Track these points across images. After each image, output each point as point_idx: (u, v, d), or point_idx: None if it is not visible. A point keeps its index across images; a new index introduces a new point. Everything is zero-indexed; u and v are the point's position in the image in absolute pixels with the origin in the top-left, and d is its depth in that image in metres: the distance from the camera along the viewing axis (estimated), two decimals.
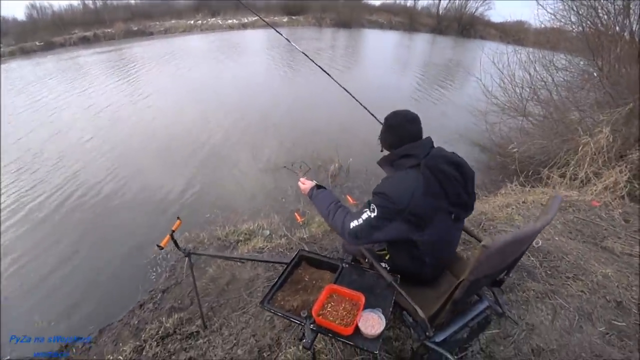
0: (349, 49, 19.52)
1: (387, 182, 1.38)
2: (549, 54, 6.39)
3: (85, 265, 3.52)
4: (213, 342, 2.25)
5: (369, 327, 1.27)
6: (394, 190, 1.31)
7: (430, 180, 1.30)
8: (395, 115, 1.45)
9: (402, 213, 1.29)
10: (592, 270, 2.35)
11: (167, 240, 1.86)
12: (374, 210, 1.32)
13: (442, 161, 1.33)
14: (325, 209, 1.50)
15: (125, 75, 11.84)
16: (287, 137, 6.48)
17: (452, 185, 1.32)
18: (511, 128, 6.65)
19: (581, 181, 4.26)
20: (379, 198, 1.33)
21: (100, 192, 4.83)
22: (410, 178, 1.33)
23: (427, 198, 1.29)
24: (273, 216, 3.85)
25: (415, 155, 1.36)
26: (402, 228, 1.33)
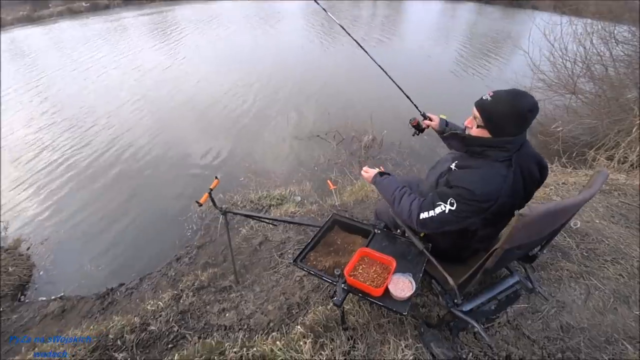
0: (389, 18, 18.58)
1: (471, 176, 1.22)
2: (609, 26, 5.78)
3: (127, 220, 3.83)
4: (245, 297, 2.41)
5: (399, 290, 1.32)
6: (482, 188, 1.18)
7: (518, 180, 1.22)
8: (535, 109, 1.18)
9: (484, 211, 1.20)
10: (633, 255, 2.25)
11: (205, 198, 1.96)
12: (452, 205, 1.21)
13: (531, 161, 1.26)
14: (391, 195, 1.43)
15: (168, 38, 12.10)
16: (322, 107, 6.46)
17: (532, 186, 1.30)
18: (557, 106, 6.22)
19: (631, 164, 3.98)
20: (461, 193, 1.20)
21: (144, 153, 5.13)
22: (499, 175, 1.19)
23: (511, 198, 1.21)
24: (305, 183, 3.94)
25: (509, 150, 1.21)
26: (477, 223, 1.26)
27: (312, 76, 8.00)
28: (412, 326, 1.70)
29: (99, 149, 5.27)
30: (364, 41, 11.96)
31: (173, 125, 5.90)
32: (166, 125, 5.86)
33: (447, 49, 12.28)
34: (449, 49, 12.27)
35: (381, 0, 24.41)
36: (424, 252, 1.45)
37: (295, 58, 9.37)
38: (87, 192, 4.33)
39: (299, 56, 9.64)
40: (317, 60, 9.36)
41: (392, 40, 12.39)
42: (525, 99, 1.17)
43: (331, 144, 5.10)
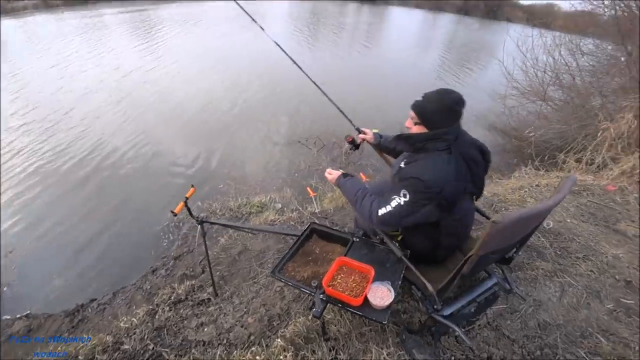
0: (373, 25, 18.97)
1: (418, 167, 1.33)
2: (575, 39, 6.18)
3: (99, 230, 3.64)
4: (224, 310, 2.34)
5: (378, 298, 1.30)
6: (429, 175, 1.27)
7: (461, 165, 1.32)
8: (462, 102, 1.34)
9: (436, 198, 1.27)
10: (602, 251, 2.35)
11: (180, 207, 1.89)
12: (406, 196, 1.29)
13: (470, 146, 1.38)
14: (353, 196, 1.48)
15: (151, 39, 11.78)
16: (303, 112, 6.44)
17: (477, 170, 1.38)
18: (529, 112, 6.52)
19: (597, 166, 4.18)
20: (412, 183, 1.29)
21: (118, 158, 4.91)
22: (442, 162, 1.30)
23: (458, 182, 1.31)
24: (285, 190, 3.89)
25: (447, 140, 1.33)
26: (433, 212, 1.31)
27: (294, 81, 7.98)
28: (394, 333, 1.68)
29: (73, 155, 5.00)
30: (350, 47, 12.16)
31: (151, 130, 5.70)
32: (144, 130, 5.66)
33: (429, 57, 12.67)
34: (430, 57, 12.65)
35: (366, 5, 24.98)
36: (402, 259, 1.44)
37: (278, 63, 9.35)
38: (56, 200, 4.09)
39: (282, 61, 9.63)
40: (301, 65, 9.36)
41: (376, 48, 12.64)
42: (451, 95, 1.33)
43: (312, 150, 5.08)
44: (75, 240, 3.52)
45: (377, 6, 26.48)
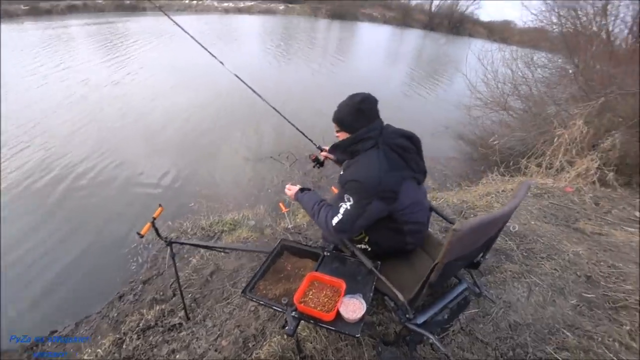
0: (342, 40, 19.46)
1: (352, 170, 1.41)
2: (530, 53, 6.68)
3: (61, 255, 3.38)
4: (196, 334, 2.24)
5: (350, 312, 1.29)
6: (363, 174, 1.35)
7: (391, 155, 1.39)
8: (369, 100, 1.45)
9: (377, 192, 1.33)
10: (564, 249, 2.47)
11: (147, 228, 1.81)
12: (349, 200, 1.36)
13: (395, 136, 1.44)
14: (311, 210, 1.53)
15: (121, 52, 11.32)
16: (274, 127, 6.39)
17: (410, 155, 1.44)
18: (493, 121, 6.87)
19: (556, 170, 4.44)
20: (350, 186, 1.36)
21: (82, 177, 4.62)
22: (373, 158, 1.37)
23: (393, 172, 1.37)
24: (259, 206, 3.82)
25: (372, 137, 1.42)
26: (380, 206, 1.37)
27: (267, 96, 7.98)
28: (370, 346, 1.67)
29: (34, 174, 4.67)
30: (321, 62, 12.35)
31: (119, 148, 5.44)
32: (111, 148, 5.39)
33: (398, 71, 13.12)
34: (399, 71, 13.10)
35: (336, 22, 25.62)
36: (373, 270, 1.44)
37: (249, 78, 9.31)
38: (10, 224, 3.78)
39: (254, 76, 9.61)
40: (272, 80, 9.39)
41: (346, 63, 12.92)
42: (356, 96, 1.45)
43: (285, 165, 5.06)
44: (32, 267, 3.26)
45: (347, 22, 27.25)
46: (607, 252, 2.52)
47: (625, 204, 3.59)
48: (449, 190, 4.35)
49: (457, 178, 5.21)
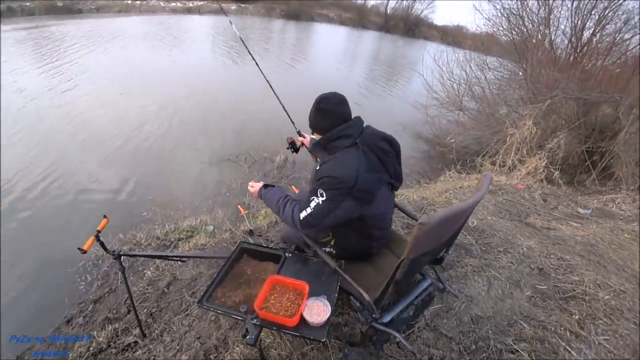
0: (299, 40, 19.44)
1: (329, 165, 1.36)
2: (482, 56, 7.06)
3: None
4: (153, 351, 2.06)
5: (315, 315, 1.23)
6: (340, 171, 1.31)
7: (370, 156, 1.37)
8: (327, 99, 1.45)
9: (351, 191, 1.30)
10: (518, 243, 2.58)
11: (91, 243, 1.64)
12: (323, 195, 1.32)
13: (376, 138, 1.43)
14: (275, 206, 1.49)
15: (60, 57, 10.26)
16: (230, 128, 6.18)
17: (389, 159, 1.43)
18: (449, 121, 7.16)
19: (508, 167, 4.71)
20: (326, 181, 1.32)
21: (22, 195, 4.16)
22: (351, 157, 1.35)
23: (371, 173, 1.34)
24: (217, 211, 3.64)
25: (351, 135, 1.39)
26: (352, 206, 1.33)
27: (218, 98, 7.70)
28: (336, 349, 1.62)
29: None
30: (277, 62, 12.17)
31: (63, 159, 4.92)
32: (54, 161, 4.85)
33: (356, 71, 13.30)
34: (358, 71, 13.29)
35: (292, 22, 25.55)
36: (337, 270, 1.40)
37: (203, 80, 8.90)
38: None
39: (206, 78, 9.22)
40: (225, 82, 9.10)
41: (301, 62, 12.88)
42: (330, 98, 1.46)
43: (243, 167, 4.90)
44: None
45: (303, 22, 27.22)
46: (555, 245, 2.69)
47: (568, 201, 3.88)
48: (409, 188, 4.45)
49: (416, 175, 5.35)
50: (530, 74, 5.41)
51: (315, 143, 1.53)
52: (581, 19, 5.41)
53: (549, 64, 5.43)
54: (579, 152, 4.76)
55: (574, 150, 4.77)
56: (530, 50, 5.70)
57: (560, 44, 5.92)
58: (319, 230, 1.41)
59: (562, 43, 5.90)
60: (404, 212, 1.88)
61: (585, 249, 2.67)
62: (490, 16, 6.55)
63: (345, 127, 1.40)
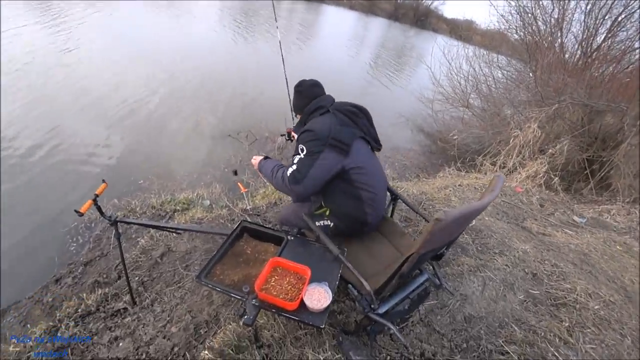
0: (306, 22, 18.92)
1: (307, 126, 1.55)
2: (491, 54, 6.93)
3: None
4: (143, 320, 2.05)
5: (315, 301, 1.22)
6: (315, 126, 1.49)
7: (340, 116, 1.54)
8: (302, 83, 1.72)
9: (327, 140, 1.44)
10: (514, 246, 2.59)
11: (88, 206, 1.59)
12: (303, 150, 1.46)
13: (345, 104, 1.61)
14: (270, 173, 1.59)
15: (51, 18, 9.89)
16: (233, 104, 6.06)
17: (359, 118, 1.59)
18: (453, 117, 7.09)
19: (508, 169, 4.71)
20: (303, 137, 1.49)
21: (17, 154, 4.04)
22: (325, 118, 1.55)
23: (343, 127, 1.50)
24: (215, 186, 3.59)
25: (324, 107, 1.61)
26: (332, 156, 1.45)
27: (225, 73, 7.52)
28: (330, 336, 1.62)
29: None
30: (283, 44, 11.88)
31: (62, 121, 4.75)
32: (54, 122, 4.70)
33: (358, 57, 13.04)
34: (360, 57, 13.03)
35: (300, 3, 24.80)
36: (339, 257, 1.38)
37: (208, 53, 8.66)
38: None
39: (211, 51, 8.96)
40: (231, 57, 8.87)
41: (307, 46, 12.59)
42: (305, 81, 1.73)
43: (243, 144, 4.82)
44: None
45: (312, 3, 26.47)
46: (550, 251, 2.70)
47: (565, 208, 3.90)
48: (408, 181, 4.44)
49: (415, 169, 5.33)
50: (540, 76, 5.35)
51: (297, 123, 1.74)
52: (594, 24, 5.32)
53: (558, 68, 5.37)
54: (580, 160, 4.76)
55: (574, 157, 4.77)
56: (541, 52, 5.62)
57: (571, 48, 5.86)
58: (307, 187, 1.47)
59: (572, 47, 5.84)
60: (406, 204, 1.86)
61: (579, 258, 2.70)
62: (504, 13, 6.43)
63: (318, 101, 1.64)
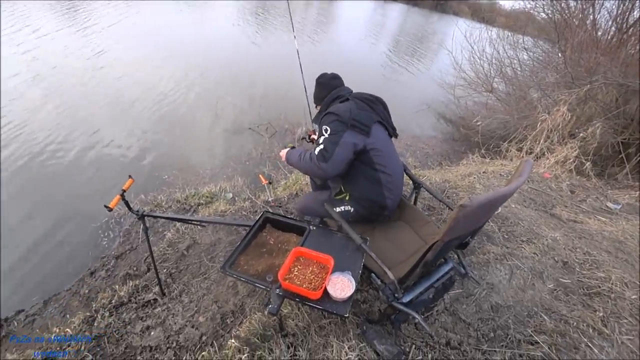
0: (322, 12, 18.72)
1: (328, 110, 1.65)
2: (515, 35, 6.61)
3: (26, 231, 3.15)
4: (172, 310, 2.13)
5: (339, 290, 1.22)
6: (337, 110, 1.60)
7: (359, 102, 1.66)
8: (323, 76, 1.86)
9: (349, 121, 1.55)
10: (543, 234, 2.50)
11: (116, 201, 1.66)
12: (327, 131, 1.57)
13: (363, 94, 1.74)
14: (297, 158, 1.67)
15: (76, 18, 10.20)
16: (253, 98, 6.10)
17: (376, 105, 1.70)
18: (476, 102, 6.85)
19: (536, 155, 4.51)
20: (326, 118, 1.61)
21: (44, 150, 4.25)
22: (345, 103, 1.66)
23: (361, 111, 1.61)
24: (236, 179, 3.65)
25: (343, 96, 1.75)
26: (354, 136, 1.56)
27: (244, 66, 7.57)
28: (354, 325, 1.63)
29: None
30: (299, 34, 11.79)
31: (89, 118, 4.97)
32: (81, 119, 4.91)
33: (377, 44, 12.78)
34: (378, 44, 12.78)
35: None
36: (362, 246, 1.37)
37: (228, 47, 8.76)
38: None
39: (231, 46, 9.04)
40: (249, 50, 8.91)
41: (324, 35, 12.45)
42: (325, 74, 1.89)
43: (264, 136, 4.85)
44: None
45: None
46: (582, 239, 2.59)
47: (598, 194, 3.71)
48: (430, 169, 4.34)
49: (438, 157, 5.21)
50: (570, 56, 5.05)
51: (317, 114, 1.81)
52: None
53: (590, 46, 5.04)
54: (614, 143, 4.50)
55: (608, 140, 4.50)
56: (571, 30, 5.29)
57: (604, 25, 5.47)
58: (335, 163, 1.55)
59: (605, 24, 5.46)
60: (429, 191, 1.84)
61: (613, 246, 2.57)
62: None
63: (337, 91, 1.79)
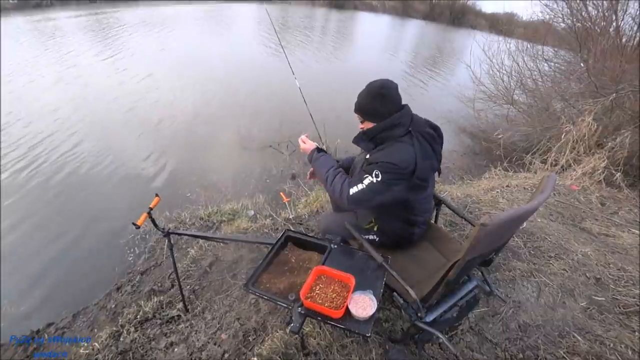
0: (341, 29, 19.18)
1: (386, 152, 1.36)
2: (536, 46, 6.54)
3: (56, 247, 3.32)
4: (195, 327, 2.17)
5: (360, 309, 1.22)
6: (398, 157, 1.32)
7: (423, 144, 1.39)
8: (387, 84, 1.41)
9: (408, 177, 1.34)
10: (572, 249, 2.40)
11: (144, 219, 1.73)
12: (378, 176, 1.32)
13: (425, 125, 1.46)
14: (325, 173, 1.49)
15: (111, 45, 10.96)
16: (274, 116, 6.27)
17: (437, 145, 1.47)
18: (496, 115, 6.75)
19: (561, 167, 4.37)
20: (382, 165, 1.32)
21: (74, 168, 4.53)
22: (407, 145, 1.36)
23: (425, 161, 1.37)
24: (258, 196, 3.73)
25: (404, 124, 1.39)
26: (402, 191, 1.37)
27: (263, 84, 7.83)
28: (376, 344, 1.61)
29: (16, 164, 4.57)
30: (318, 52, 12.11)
31: (115, 137, 5.33)
32: (100, 138, 5.27)
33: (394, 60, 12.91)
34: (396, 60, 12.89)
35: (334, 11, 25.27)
36: (383, 265, 1.37)
37: (246, 67, 9.14)
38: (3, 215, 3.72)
39: (249, 65, 9.43)
40: (269, 69, 9.22)
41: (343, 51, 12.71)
42: (374, 83, 1.42)
43: (284, 154, 4.96)
44: (27, 260, 3.18)
45: (346, 11, 26.95)
46: (615, 254, 2.46)
47: (631, 206, 3.53)
48: (452, 184, 4.28)
49: (458, 171, 5.13)
50: (593, 65, 4.93)
51: (363, 133, 1.49)
52: None
53: (614, 54, 4.91)
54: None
55: (639, 149, 4.32)
56: (593, 39, 5.18)
57: (628, 31, 5.33)
58: (367, 207, 1.44)
59: (630, 30, 5.31)
60: (450, 208, 1.81)
61: None
62: (548, 1, 6.02)
63: (400, 116, 1.39)
